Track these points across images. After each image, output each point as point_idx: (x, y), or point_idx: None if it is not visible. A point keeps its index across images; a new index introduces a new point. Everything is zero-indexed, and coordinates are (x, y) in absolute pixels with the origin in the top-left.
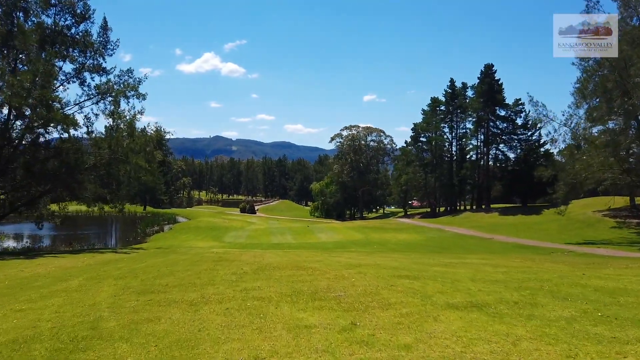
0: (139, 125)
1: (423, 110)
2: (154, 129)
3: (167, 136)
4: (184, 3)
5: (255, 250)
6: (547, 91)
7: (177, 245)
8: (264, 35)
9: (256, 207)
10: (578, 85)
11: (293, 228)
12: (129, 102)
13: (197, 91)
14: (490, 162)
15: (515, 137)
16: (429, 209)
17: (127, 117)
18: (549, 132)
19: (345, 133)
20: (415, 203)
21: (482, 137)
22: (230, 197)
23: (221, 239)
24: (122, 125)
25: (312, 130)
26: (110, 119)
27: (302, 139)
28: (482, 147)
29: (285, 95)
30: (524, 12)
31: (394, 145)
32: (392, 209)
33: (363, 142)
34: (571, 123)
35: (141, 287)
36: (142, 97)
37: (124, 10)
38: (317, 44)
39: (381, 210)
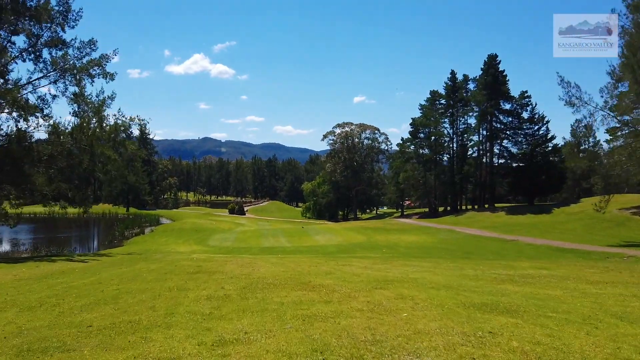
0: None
1: (421, 105)
2: (130, 119)
3: (151, 136)
4: (173, 4)
5: (244, 256)
6: (545, 90)
7: (153, 249)
8: (253, 37)
9: (245, 208)
10: (623, 59)
11: (286, 230)
12: (93, 82)
13: (186, 92)
14: (494, 159)
15: (521, 132)
16: (426, 209)
17: (95, 102)
18: (584, 117)
19: (338, 130)
20: (409, 203)
21: (485, 132)
22: (219, 198)
23: (205, 243)
24: (89, 113)
25: (302, 132)
26: (75, 104)
27: (292, 140)
28: (485, 143)
29: (275, 97)
30: (521, 11)
31: (389, 144)
32: (385, 209)
33: (357, 139)
34: (611, 105)
35: (36, 336)
36: (109, 76)
37: (113, 11)
38: (307, 45)
39: (374, 211)
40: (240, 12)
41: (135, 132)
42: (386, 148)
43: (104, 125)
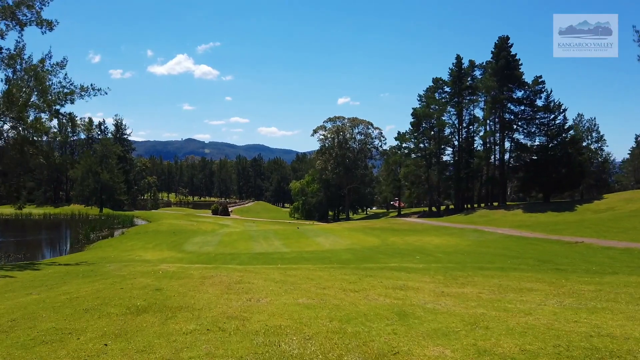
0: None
1: (420, 95)
2: (81, 88)
3: (128, 131)
4: (156, 3)
5: (231, 267)
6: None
7: (113, 257)
8: (238, 38)
9: (230, 209)
10: None
11: (280, 231)
12: (22, 31)
13: (170, 93)
14: (504, 152)
15: (535, 122)
16: (424, 209)
17: (39, 68)
18: None
19: (329, 125)
20: (401, 204)
21: (494, 125)
22: (202, 199)
23: (181, 247)
24: (30, 82)
25: (287, 133)
26: (10, 69)
27: (276, 141)
28: (497, 134)
29: (259, 98)
30: (518, 11)
31: (383, 139)
32: (375, 209)
33: (349, 134)
34: None
35: None
36: (47, 25)
37: (94, 10)
38: (292, 46)
39: (365, 212)
40: (224, 12)
41: (111, 127)
42: (380, 144)
43: (48, 96)
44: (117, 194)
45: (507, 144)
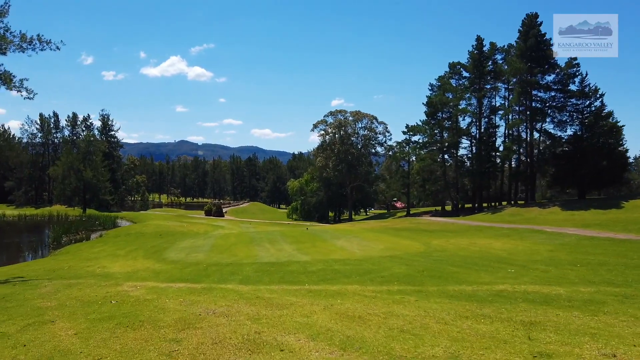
0: None
1: (431, 84)
2: (22, 37)
3: (116, 127)
4: (149, 5)
5: (231, 291)
6: None
7: (67, 268)
8: (232, 40)
9: (224, 210)
10: None
11: (287, 233)
12: None
13: (163, 95)
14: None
15: (568, 108)
16: (437, 208)
17: None
18: None
19: (330, 119)
20: (399, 204)
21: (519, 114)
22: (195, 199)
23: (162, 255)
24: None
25: (280, 135)
26: None
27: (270, 143)
28: (527, 123)
29: (253, 100)
30: (514, 11)
31: (388, 135)
32: (374, 210)
33: (351, 129)
34: None
35: None
36: None
37: (87, 10)
38: (285, 48)
39: (365, 213)
40: (218, 14)
41: (97, 123)
42: (384, 140)
43: None
44: (102, 193)
45: (535, 135)
